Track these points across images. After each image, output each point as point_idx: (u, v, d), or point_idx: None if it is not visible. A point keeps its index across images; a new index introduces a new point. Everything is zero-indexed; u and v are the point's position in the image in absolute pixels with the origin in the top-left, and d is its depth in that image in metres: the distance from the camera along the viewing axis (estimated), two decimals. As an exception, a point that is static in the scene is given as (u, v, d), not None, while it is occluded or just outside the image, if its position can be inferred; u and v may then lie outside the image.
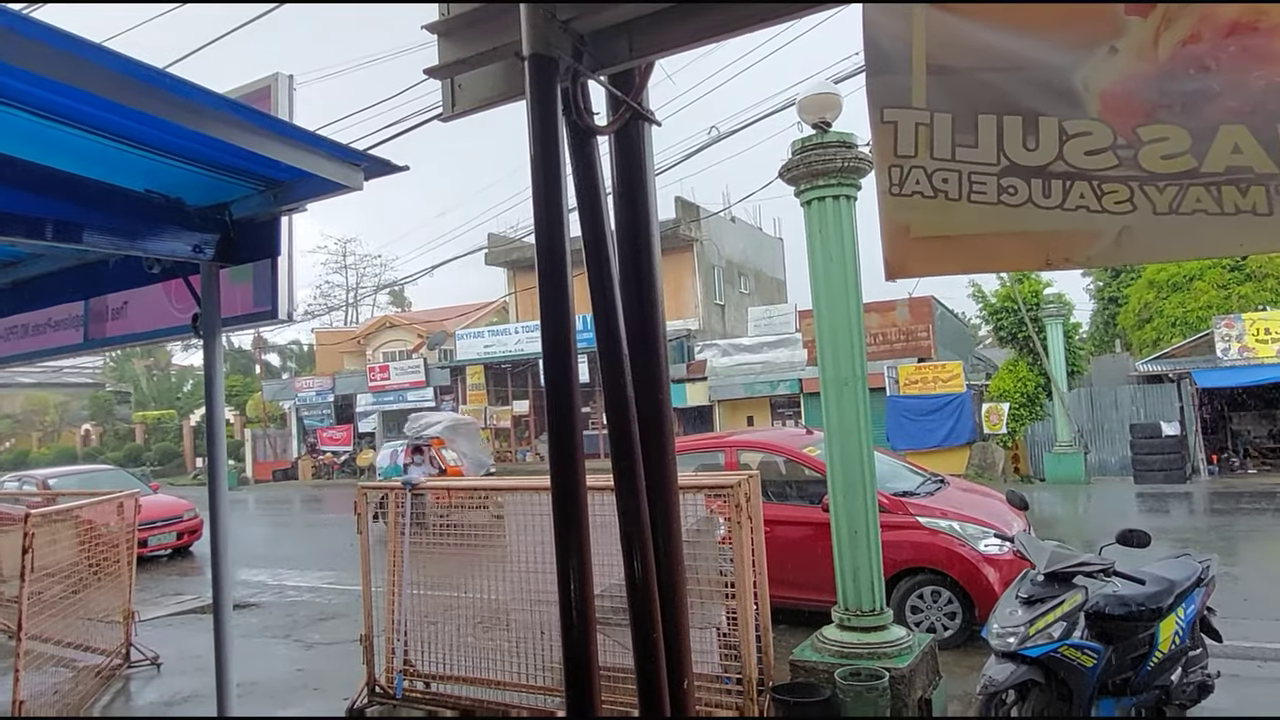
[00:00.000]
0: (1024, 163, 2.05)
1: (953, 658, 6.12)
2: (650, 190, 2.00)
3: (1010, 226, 2.11)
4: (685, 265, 28.03)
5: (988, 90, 2.03)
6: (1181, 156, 1.90)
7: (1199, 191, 1.92)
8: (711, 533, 5.06)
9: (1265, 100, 1.81)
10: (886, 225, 2.20)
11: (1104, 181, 1.98)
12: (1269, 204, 1.87)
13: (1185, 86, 1.85)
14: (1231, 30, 1.77)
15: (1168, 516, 13.44)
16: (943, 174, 2.11)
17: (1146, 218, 1.98)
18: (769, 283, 33.90)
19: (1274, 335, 16.85)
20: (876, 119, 2.11)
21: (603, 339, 1.91)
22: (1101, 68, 1.91)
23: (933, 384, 19.04)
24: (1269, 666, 5.80)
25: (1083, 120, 1.96)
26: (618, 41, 1.86)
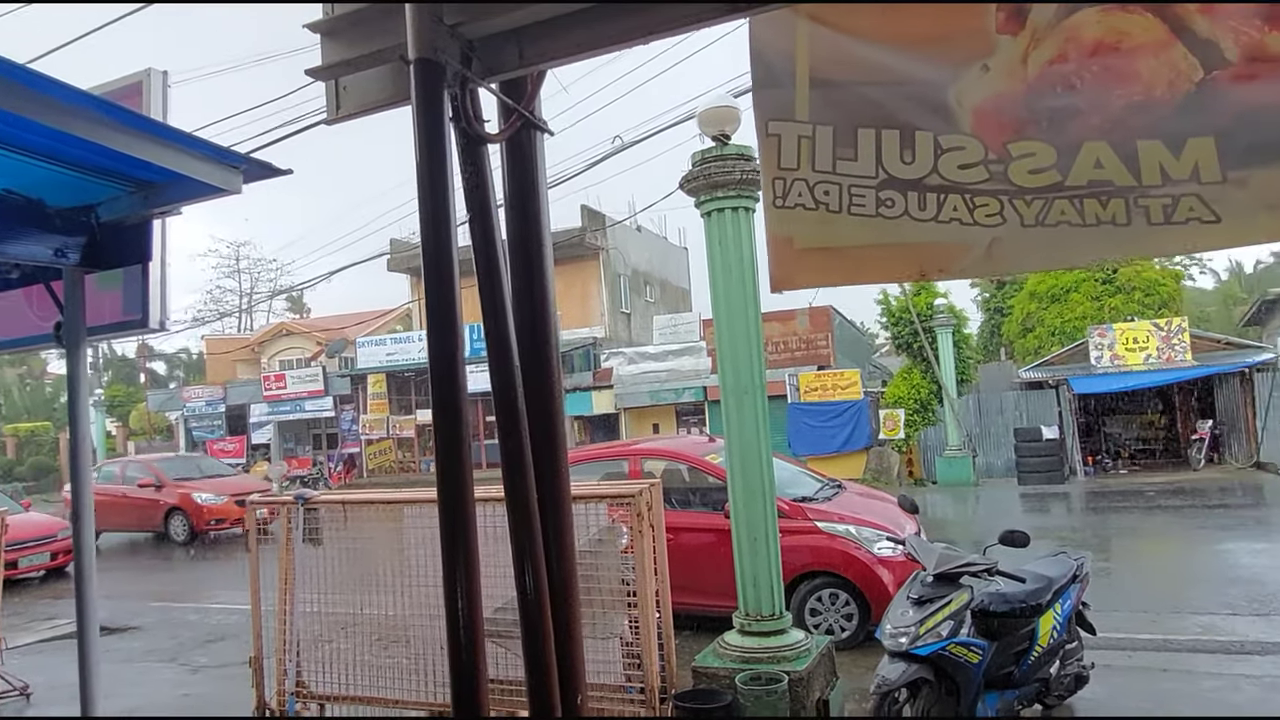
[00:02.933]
0: (901, 176, 2.12)
1: (850, 658, 6.29)
2: (543, 199, 1.98)
3: (887, 238, 2.18)
4: (591, 274, 28.05)
5: (867, 104, 2.09)
6: (1048, 171, 2.00)
7: (1064, 204, 2.02)
8: (614, 542, 5.06)
9: (1125, 118, 1.92)
10: (772, 238, 2.25)
11: (976, 195, 2.07)
12: (1128, 214, 1.99)
13: (1052, 104, 1.95)
14: (1095, 50, 1.86)
15: (1048, 516, 14.20)
16: (824, 186, 2.17)
17: (1015, 230, 2.08)
18: (674, 291, 34.28)
19: (1141, 344, 18.06)
20: (762, 131, 2.16)
21: (494, 349, 1.88)
22: (975, 85, 1.99)
23: (832, 391, 19.61)
24: (1138, 656, 6.17)
25: (956, 135, 2.04)
26: (507, 49, 1.84)
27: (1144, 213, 1.99)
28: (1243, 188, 1.92)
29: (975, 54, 1.98)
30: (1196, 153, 1.93)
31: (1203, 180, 1.94)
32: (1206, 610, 7.27)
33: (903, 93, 2.07)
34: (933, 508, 15.69)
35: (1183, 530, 11.92)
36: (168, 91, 2.58)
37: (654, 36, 1.70)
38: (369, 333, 29.99)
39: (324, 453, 30.19)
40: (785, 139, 2.16)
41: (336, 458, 29.07)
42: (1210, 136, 1.91)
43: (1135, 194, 1.97)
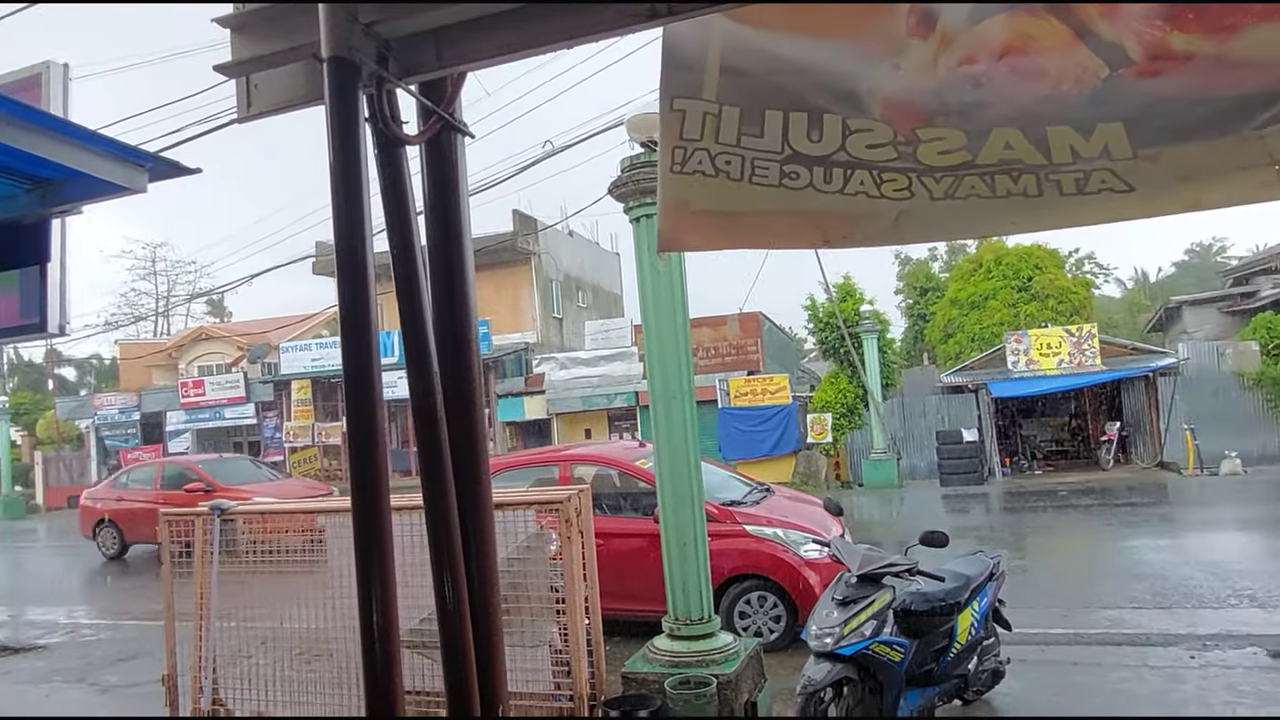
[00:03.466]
0: (807, 152, 2.10)
1: (778, 659, 6.36)
2: (463, 203, 1.95)
3: (790, 206, 2.15)
4: (523, 278, 27.85)
5: (776, 90, 2.06)
6: (957, 152, 2.02)
7: (974, 180, 2.04)
8: (543, 549, 5.02)
9: (1034, 108, 1.95)
10: (665, 200, 2.20)
11: (884, 171, 2.07)
12: (1039, 187, 2.01)
13: (962, 98, 1.96)
14: (1004, 52, 1.89)
15: (968, 516, 14.65)
16: (726, 157, 2.13)
17: (923, 203, 2.08)
18: (606, 297, 34.30)
19: (1054, 349, 18.80)
20: (666, 108, 2.10)
21: (412, 355, 1.84)
22: (885, 79, 1.99)
23: (761, 396, 19.89)
24: (1051, 650, 6.39)
25: (866, 119, 2.04)
26: (425, 49, 1.80)
27: (1056, 186, 2.02)
28: (1155, 162, 1.96)
29: (886, 54, 1.99)
30: (1106, 135, 1.96)
31: (1114, 157, 1.97)
32: (1114, 605, 7.59)
33: (812, 80, 2.06)
34: (859, 510, 16.04)
35: (1092, 528, 12.44)
36: (69, 85, 2.46)
37: (575, 41, 1.70)
38: (293, 337, 29.15)
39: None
40: (690, 114, 2.11)
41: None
42: (1119, 122, 1.95)
43: (1046, 170, 1.99)
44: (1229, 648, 6.12)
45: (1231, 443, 17.35)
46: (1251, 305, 23.64)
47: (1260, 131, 1.89)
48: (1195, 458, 17.36)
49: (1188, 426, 17.66)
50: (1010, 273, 24.79)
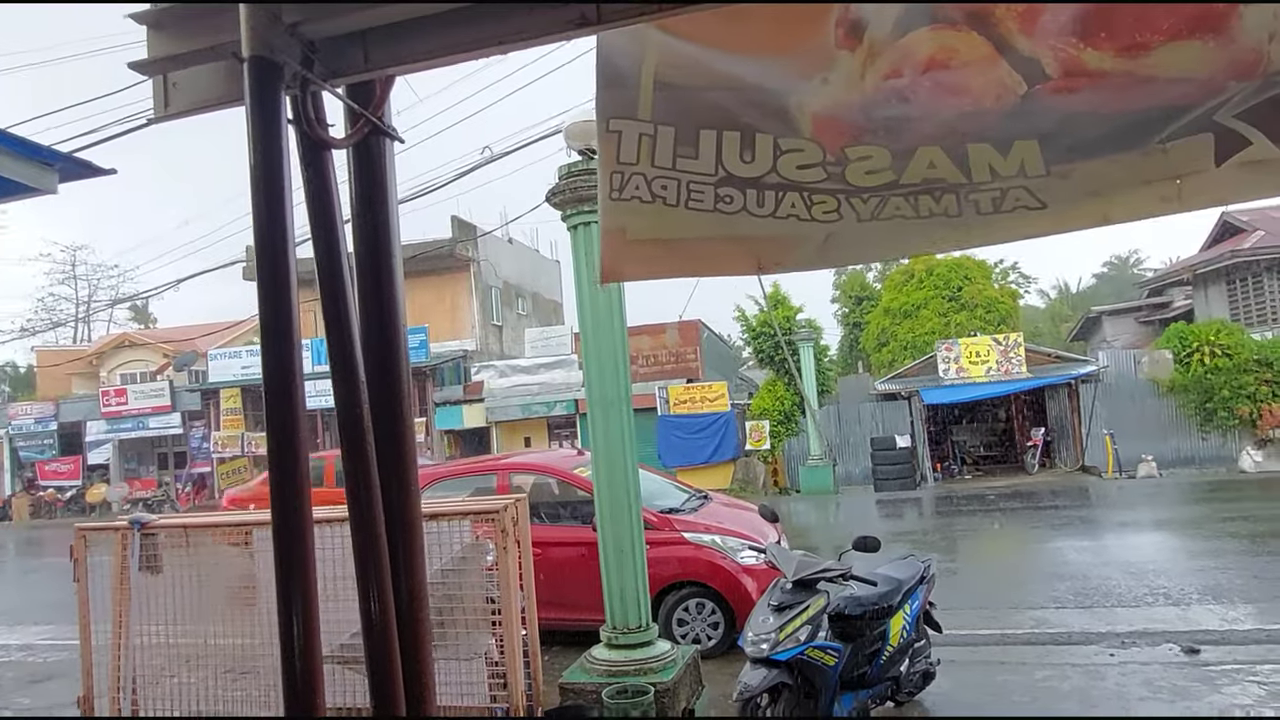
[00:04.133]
0: (740, 174, 2.15)
1: (716, 666, 6.39)
2: (392, 208, 1.91)
3: (724, 232, 2.21)
4: (462, 285, 27.55)
5: (710, 108, 2.11)
6: (883, 172, 2.09)
7: (898, 200, 2.11)
8: (479, 559, 4.95)
9: (956, 125, 2.02)
10: (605, 230, 2.24)
11: (814, 193, 2.13)
12: (959, 206, 2.09)
13: (887, 113, 2.03)
14: (928, 66, 1.96)
15: (901, 520, 14.97)
16: (662, 181, 2.18)
17: (851, 225, 2.15)
18: (546, 304, 34.15)
19: (983, 357, 19.38)
20: (604, 129, 2.14)
21: (337, 364, 1.79)
22: (814, 94, 2.04)
23: (700, 403, 20.03)
24: (980, 650, 6.56)
25: (796, 139, 2.09)
26: (352, 51, 1.76)
27: (974, 205, 2.10)
28: (1066, 179, 2.05)
29: (815, 67, 2.03)
30: (1022, 152, 2.04)
31: (1029, 175, 2.06)
32: (1039, 605, 7.83)
33: (744, 98, 2.10)
34: (796, 515, 16.25)
35: (1019, 530, 12.83)
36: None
37: (506, 47, 1.68)
38: (222, 344, 28.25)
39: (171, 473, 28.21)
40: (626, 135, 2.15)
41: (185, 478, 27.21)
42: (1034, 139, 2.03)
43: (966, 189, 2.07)
44: (1146, 645, 6.37)
45: (1148, 447, 18.13)
46: (1165, 315, 24.75)
47: (1164, 145, 1.98)
48: (1114, 462, 18.08)
49: (1107, 431, 18.39)
50: (941, 283, 25.49)
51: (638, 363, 21.68)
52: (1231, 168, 1.94)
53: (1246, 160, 1.93)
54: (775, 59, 2.04)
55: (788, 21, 1.98)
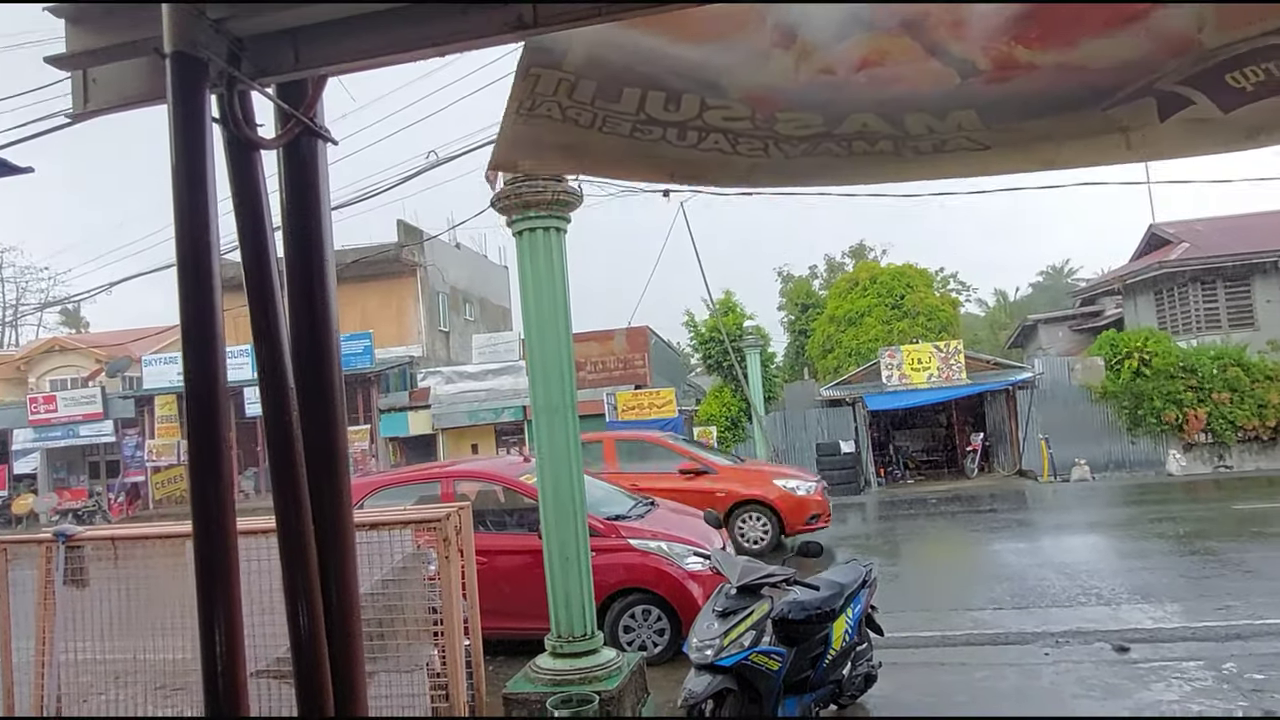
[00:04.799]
0: (662, 118, 2.12)
1: (662, 672, 6.38)
2: (325, 211, 1.86)
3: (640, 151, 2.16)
4: (408, 290, 27.18)
5: (638, 74, 2.09)
6: (814, 127, 2.08)
7: (830, 144, 2.09)
8: (421, 569, 4.87)
9: (890, 100, 2.03)
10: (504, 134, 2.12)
11: (739, 136, 2.11)
12: (897, 149, 2.08)
13: (821, 97, 2.04)
14: (861, 65, 1.97)
15: (845, 525, 15.14)
16: (576, 110, 2.11)
17: (778, 161, 2.13)
18: (494, 310, 33.88)
19: (924, 364, 19.78)
20: (521, 73, 2.05)
21: (266, 371, 1.74)
22: (748, 78, 2.04)
23: (648, 410, 20.05)
24: (921, 652, 6.68)
25: (724, 100, 2.08)
26: (282, 49, 1.72)
27: (914, 147, 2.10)
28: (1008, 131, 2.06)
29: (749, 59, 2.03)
30: (960, 117, 2.06)
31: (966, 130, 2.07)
32: (977, 606, 8.00)
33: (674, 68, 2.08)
34: (743, 521, 16.33)
35: (959, 534, 13.11)
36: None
37: (442, 49, 1.65)
38: (158, 349, 27.36)
39: (103, 482, 27.20)
40: (544, 78, 2.08)
41: (118, 487, 26.26)
42: (973, 109, 2.05)
43: (903, 139, 2.07)
44: (1079, 643, 6.55)
45: (1081, 451, 18.70)
46: (1097, 324, 25.60)
47: (1107, 111, 2.01)
48: (1050, 465, 18.61)
49: (1043, 436, 18.92)
50: (884, 291, 25.95)
51: (586, 369, 21.64)
52: (1176, 123, 1.97)
53: (1190, 118, 1.96)
54: (711, 51, 2.02)
55: (724, 21, 1.97)
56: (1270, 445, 18.31)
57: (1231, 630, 6.57)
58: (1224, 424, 18.21)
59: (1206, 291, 21.54)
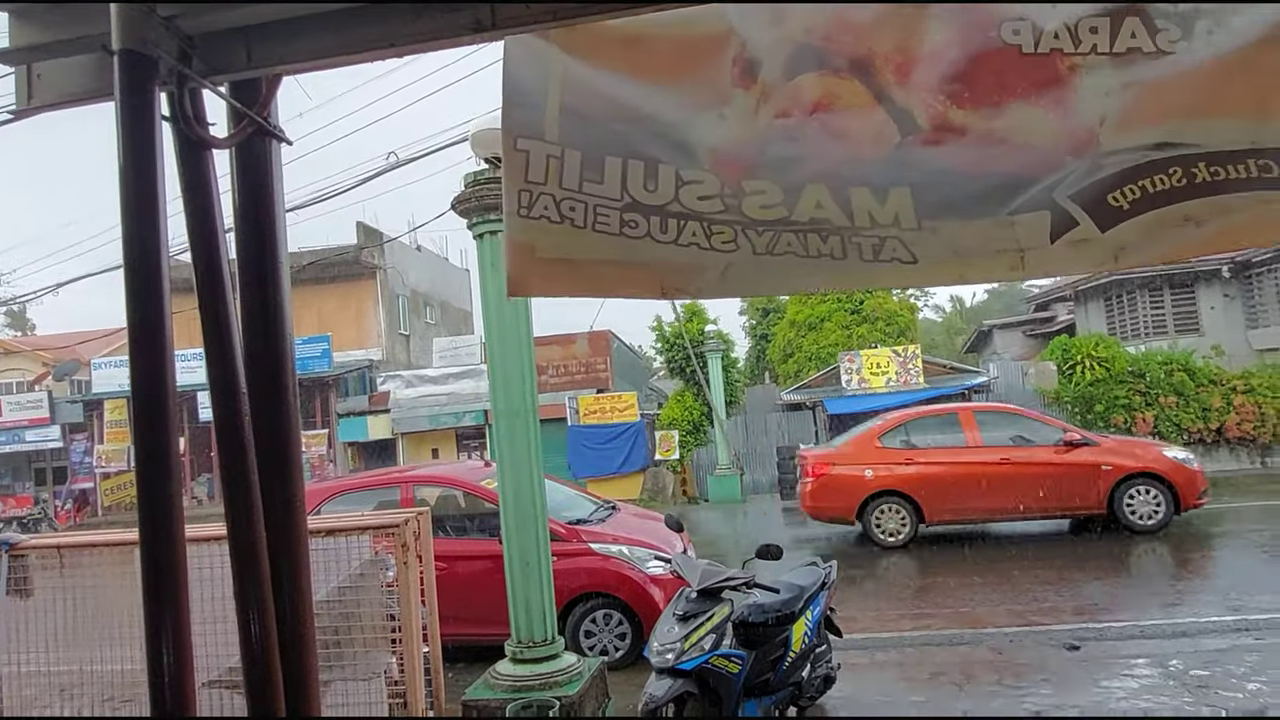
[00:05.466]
0: (645, 202, 2.25)
1: (624, 677, 6.38)
2: (278, 213, 1.83)
3: (630, 256, 2.30)
4: (368, 293, 26.84)
5: (614, 136, 2.20)
6: (776, 207, 2.21)
7: (790, 237, 2.23)
8: (378, 575, 4.80)
9: (839, 168, 2.15)
10: (512, 244, 2.29)
11: (713, 223, 2.25)
12: (844, 250, 2.23)
13: (779, 151, 2.15)
14: (814, 108, 2.09)
15: (805, 527, 15.26)
16: (570, 203, 2.25)
17: (747, 256, 2.27)
18: (456, 313, 33.60)
19: (883, 369, 20.05)
20: (510, 146, 2.19)
21: (217, 375, 1.70)
22: (712, 129, 2.15)
23: (610, 414, 20.04)
24: (879, 654, 6.75)
25: (696, 170, 2.19)
26: (234, 48, 1.68)
27: (857, 249, 2.25)
28: (935, 235, 2.24)
29: (713, 102, 2.15)
30: (897, 202, 2.21)
31: (902, 226, 2.23)
32: (933, 607, 8.11)
33: (647, 129, 2.21)
34: (705, 524, 16.40)
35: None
36: None
37: (398, 50, 1.63)
38: (107, 352, 26.70)
39: (50, 489, 26.43)
40: (534, 155, 2.23)
41: (65, 494, 25.55)
42: (907, 188, 2.20)
43: (849, 232, 2.23)
44: (1032, 642, 6.68)
45: (1034, 454, 19.05)
46: (1050, 329, 26.17)
47: (1011, 218, 2.19)
48: (1005, 468, 18.94)
49: (998, 439, 19.25)
50: (844, 296, 26.25)
51: (548, 373, 21.56)
52: (1063, 244, 2.18)
53: (1074, 239, 2.17)
54: (676, 91, 2.14)
55: (687, 54, 2.09)
56: (1214, 447, 18.87)
57: (1177, 628, 6.75)
58: (1170, 427, 18.71)
59: (1154, 298, 22.17)
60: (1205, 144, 2.04)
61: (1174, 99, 2.00)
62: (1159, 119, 2.03)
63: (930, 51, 2.04)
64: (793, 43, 2.07)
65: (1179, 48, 1.97)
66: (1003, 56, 2.02)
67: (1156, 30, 1.97)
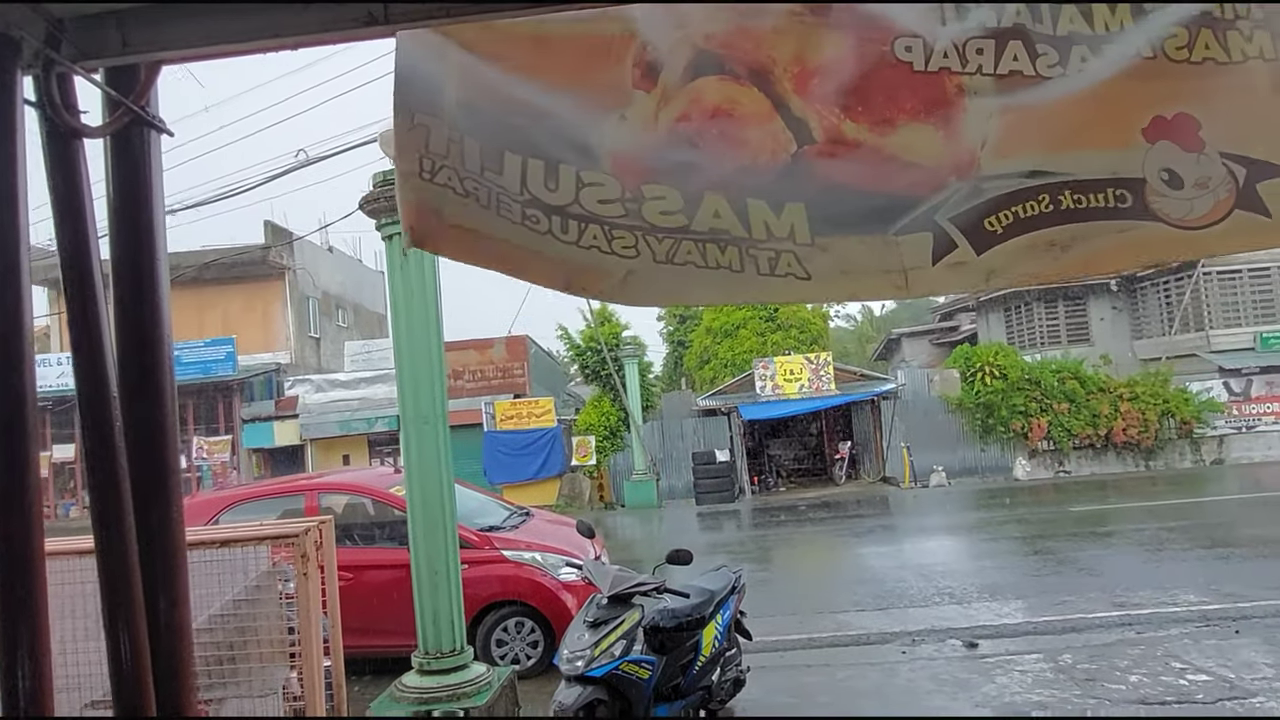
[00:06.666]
0: (545, 200, 2.21)
1: (536, 685, 6.32)
2: (157, 208, 1.73)
3: (535, 246, 2.27)
4: (275, 294, 25.90)
5: (514, 132, 2.17)
6: (676, 214, 2.21)
7: (690, 245, 2.24)
8: (276, 587, 4.62)
9: (737, 177, 2.17)
10: (412, 201, 2.21)
11: (614, 228, 2.22)
12: (741, 262, 2.25)
13: (679, 157, 2.15)
14: (714, 114, 2.10)
15: (720, 532, 15.48)
16: (474, 182, 2.21)
17: (648, 264, 2.26)
18: (369, 316, 32.75)
19: (796, 375, 20.46)
20: (407, 125, 2.12)
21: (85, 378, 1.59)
22: (613, 132, 2.14)
23: (527, 419, 19.86)
24: (789, 655, 6.87)
25: (597, 173, 2.17)
26: (107, 33, 1.58)
27: (754, 262, 2.27)
28: (826, 252, 2.28)
29: (614, 103, 2.14)
30: (792, 216, 2.24)
31: (797, 241, 2.27)
32: (842, 609, 8.31)
33: (547, 128, 2.17)
34: (621, 530, 16.43)
35: (826, 539, 13.60)
36: None
37: (286, 42, 1.56)
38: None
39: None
40: (434, 131, 2.16)
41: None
42: (801, 203, 2.23)
43: (747, 244, 2.25)
44: (933, 641, 6.91)
45: (939, 458, 19.80)
46: (954, 338, 27.21)
47: (897, 238, 2.26)
48: (911, 472, 19.61)
49: (905, 444, 19.92)
50: (759, 303, 26.73)
51: (464, 377, 21.22)
52: (942, 266, 2.27)
53: (951, 262, 2.26)
54: (577, 91, 2.11)
55: (589, 54, 2.07)
56: (1103, 452, 19.93)
57: (1067, 624, 7.09)
58: (1062, 432, 19.68)
59: (1049, 309, 23.30)
60: (1073, 173, 2.14)
61: (1048, 126, 2.09)
62: (1033, 147, 2.12)
63: (827, 63, 2.06)
64: (693, 47, 2.06)
65: (1055, 73, 2.05)
66: (896, 73, 2.06)
67: (1037, 55, 2.05)
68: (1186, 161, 2.09)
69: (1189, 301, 20.93)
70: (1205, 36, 2.03)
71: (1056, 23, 2.05)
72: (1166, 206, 2.12)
